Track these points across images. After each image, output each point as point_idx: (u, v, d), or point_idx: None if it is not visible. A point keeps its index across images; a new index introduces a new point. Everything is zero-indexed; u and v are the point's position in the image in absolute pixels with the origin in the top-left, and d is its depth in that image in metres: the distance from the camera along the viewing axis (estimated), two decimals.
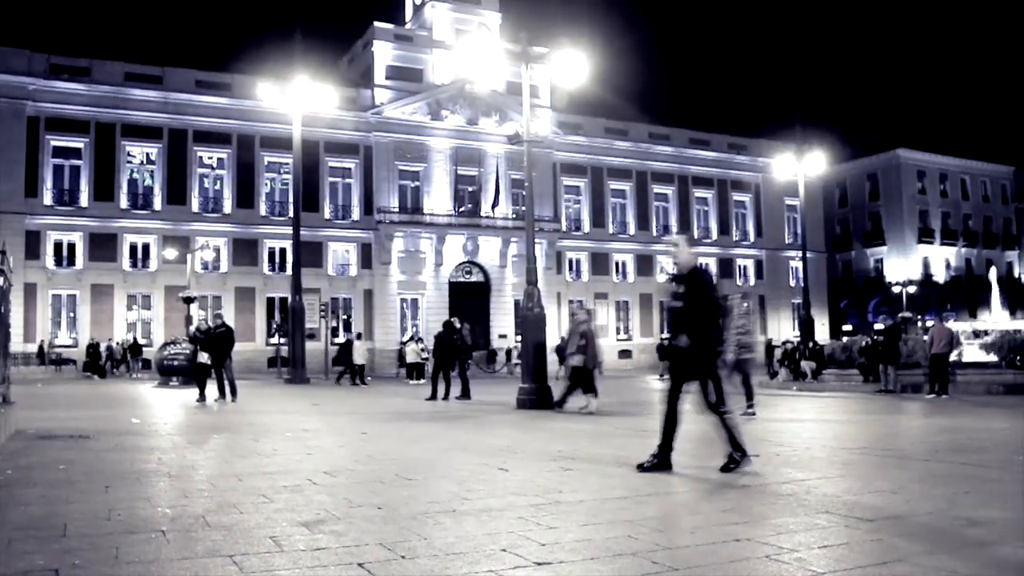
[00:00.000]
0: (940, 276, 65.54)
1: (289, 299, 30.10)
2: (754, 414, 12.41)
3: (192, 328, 21.28)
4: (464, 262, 48.49)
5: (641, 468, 6.30)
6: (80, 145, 41.32)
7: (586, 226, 53.07)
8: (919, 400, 17.05)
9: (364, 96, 47.13)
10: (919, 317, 47.96)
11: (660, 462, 6.29)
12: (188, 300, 34.24)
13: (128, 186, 42.43)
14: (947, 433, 10.10)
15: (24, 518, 4.54)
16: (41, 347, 37.67)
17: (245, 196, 44.26)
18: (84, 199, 41.28)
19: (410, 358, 29.04)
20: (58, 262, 40.75)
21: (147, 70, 43.10)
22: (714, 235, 57.16)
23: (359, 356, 27.45)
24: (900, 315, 39.75)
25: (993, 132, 78.94)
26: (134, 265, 42.05)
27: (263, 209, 44.69)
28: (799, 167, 33.15)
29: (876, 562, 3.63)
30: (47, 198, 40.65)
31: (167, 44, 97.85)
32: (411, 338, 33.13)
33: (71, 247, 41.05)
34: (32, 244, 40.03)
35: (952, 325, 21.58)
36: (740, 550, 3.86)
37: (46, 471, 6.41)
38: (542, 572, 3.50)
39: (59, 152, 41.09)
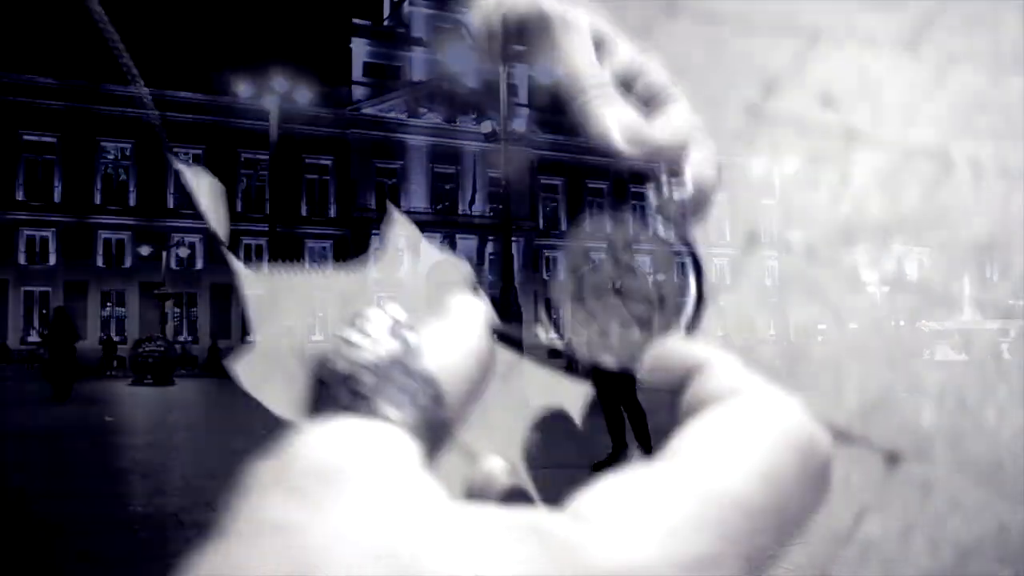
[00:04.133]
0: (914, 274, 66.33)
1: None
2: None
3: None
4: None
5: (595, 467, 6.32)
6: (53, 140, 40.81)
7: (563, 225, 53.13)
8: None
9: (341, 93, 46.91)
10: None
11: (614, 460, 6.30)
12: (163, 297, 34.01)
13: (102, 182, 41.99)
14: None
15: None
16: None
17: None
18: (57, 195, 40.77)
19: None
20: (30, 259, 40.23)
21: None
22: None
23: None
24: None
25: None
26: (108, 262, 41.60)
27: (239, 206, 44.35)
28: None
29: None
30: (19, 194, 40.10)
31: (144, 37, 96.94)
32: None
33: (43, 243, 40.55)
34: (3, 241, 39.50)
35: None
36: None
37: (18, 468, 6.33)
38: None
39: (31, 147, 40.55)
